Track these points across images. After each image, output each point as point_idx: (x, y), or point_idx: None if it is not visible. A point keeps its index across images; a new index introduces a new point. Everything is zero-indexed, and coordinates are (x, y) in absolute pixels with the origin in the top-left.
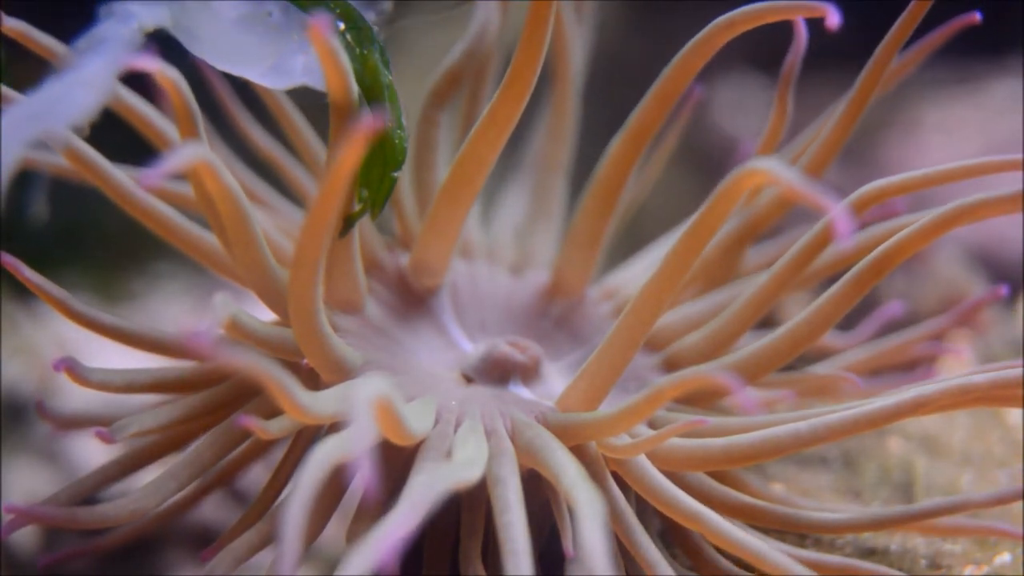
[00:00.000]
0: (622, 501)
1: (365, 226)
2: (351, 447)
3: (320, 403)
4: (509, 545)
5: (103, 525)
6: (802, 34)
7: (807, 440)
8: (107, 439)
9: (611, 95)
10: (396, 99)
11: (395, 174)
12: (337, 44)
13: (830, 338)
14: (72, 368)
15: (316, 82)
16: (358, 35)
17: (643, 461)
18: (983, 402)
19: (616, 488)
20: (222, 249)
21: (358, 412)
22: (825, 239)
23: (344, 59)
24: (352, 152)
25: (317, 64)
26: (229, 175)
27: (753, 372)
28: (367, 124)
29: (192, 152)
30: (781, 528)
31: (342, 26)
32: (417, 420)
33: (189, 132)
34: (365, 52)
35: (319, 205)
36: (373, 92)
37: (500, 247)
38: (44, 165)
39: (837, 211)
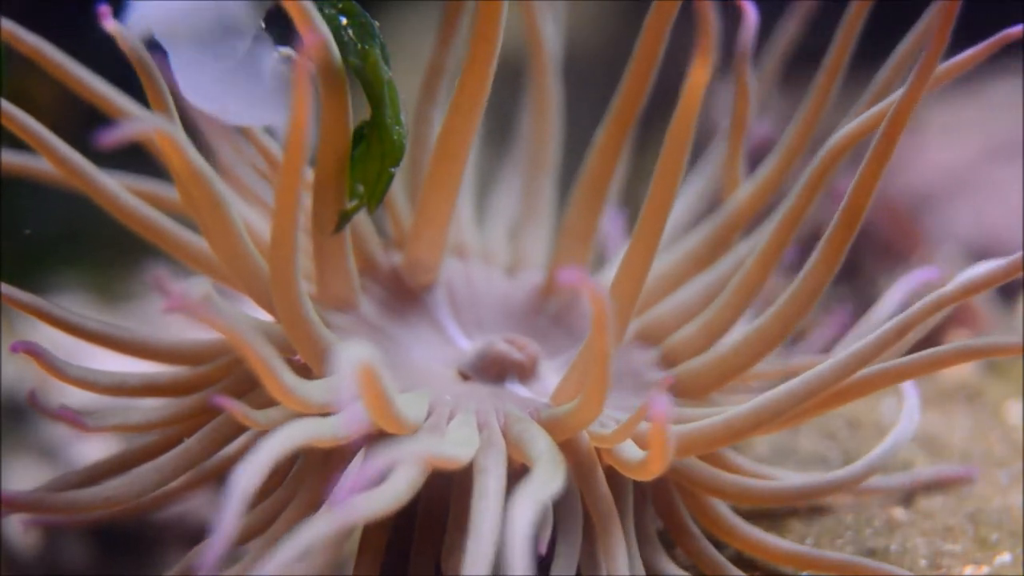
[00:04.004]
0: (607, 499)
1: (362, 226)
2: (336, 400)
3: (307, 388)
4: (476, 528)
5: (74, 511)
6: (751, 15)
7: (803, 394)
8: (79, 425)
9: (610, 93)
10: (396, 95)
11: (393, 170)
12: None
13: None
14: (38, 355)
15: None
16: (359, 30)
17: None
18: (973, 354)
19: (604, 486)
20: (212, 253)
21: (342, 371)
22: (801, 209)
23: (319, 20)
24: (302, 95)
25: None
26: (198, 155)
27: (751, 358)
28: (309, 54)
29: (152, 122)
30: (776, 503)
31: (344, 21)
32: (409, 410)
33: (158, 106)
34: (366, 47)
35: (287, 166)
36: (374, 87)
37: (494, 248)
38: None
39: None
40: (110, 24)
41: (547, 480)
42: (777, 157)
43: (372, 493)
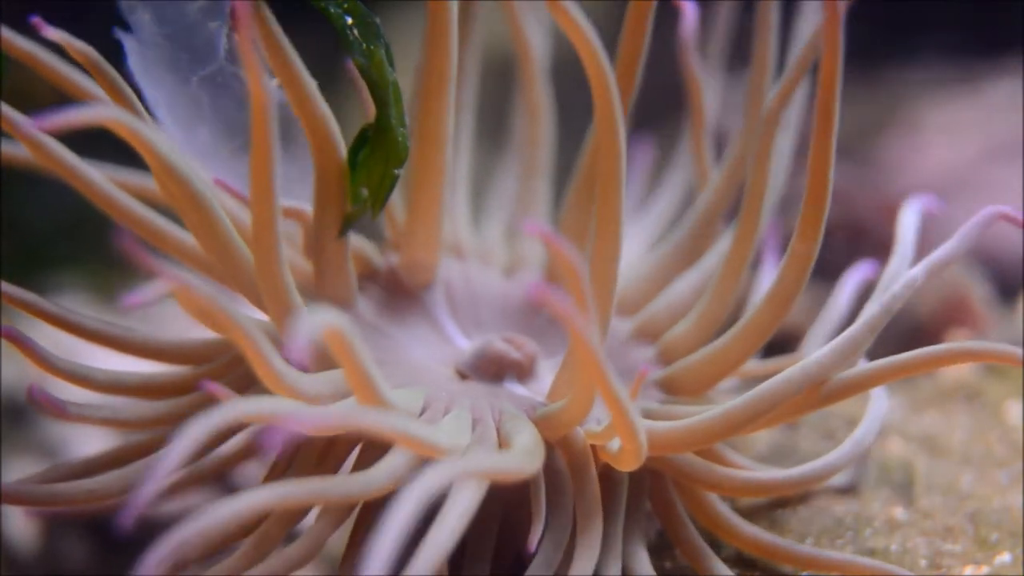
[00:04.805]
0: (594, 499)
1: (355, 235)
2: (288, 344)
3: (297, 376)
4: (440, 518)
5: (57, 502)
6: (690, 10)
7: (801, 381)
8: (57, 409)
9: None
10: (400, 96)
11: (397, 172)
12: None
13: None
14: (21, 342)
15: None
16: (365, 30)
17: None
18: (971, 355)
19: (594, 485)
20: (202, 251)
21: (299, 327)
22: (762, 184)
23: None
24: (245, 30)
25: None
26: (174, 150)
27: (745, 349)
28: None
29: (106, 110)
30: (772, 493)
31: (350, 20)
32: (402, 402)
33: (117, 98)
34: (372, 47)
35: (256, 112)
36: (379, 87)
37: (492, 249)
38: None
39: None
40: (51, 33)
41: (492, 461)
42: (737, 139)
43: (358, 474)
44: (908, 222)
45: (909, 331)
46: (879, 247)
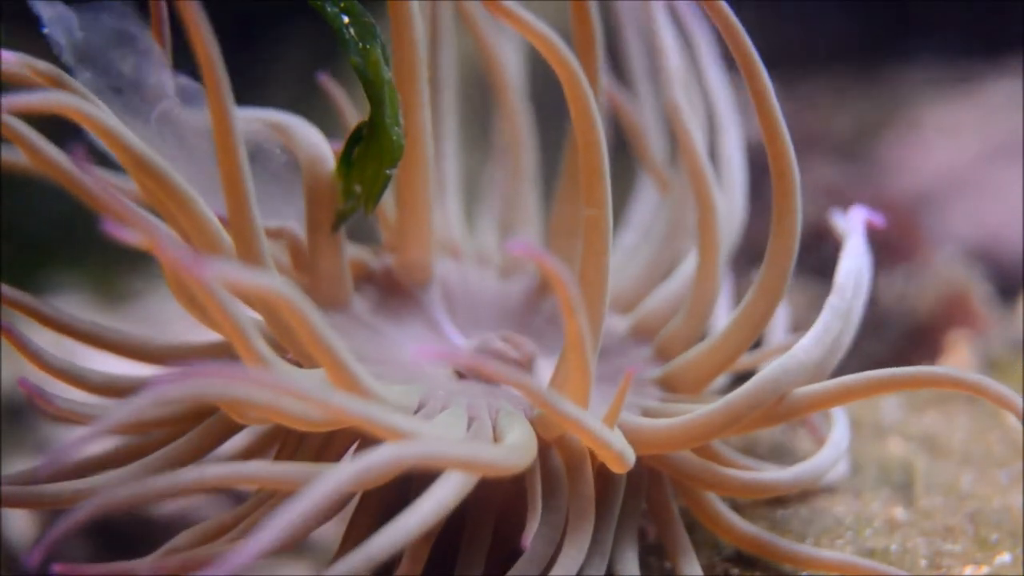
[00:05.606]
0: (587, 499)
1: (350, 244)
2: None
3: (280, 363)
4: (417, 504)
5: (40, 505)
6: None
7: (798, 371)
8: (44, 402)
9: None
10: (395, 96)
11: (390, 171)
12: None
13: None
14: (12, 334)
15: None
16: (361, 30)
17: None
18: (967, 387)
19: (587, 485)
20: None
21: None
22: (698, 166)
23: None
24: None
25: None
26: (120, 127)
27: (741, 342)
28: None
29: (66, 98)
30: (770, 493)
31: (346, 20)
32: (396, 398)
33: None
34: (368, 47)
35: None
36: (374, 86)
37: (487, 251)
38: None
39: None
40: (9, 58)
41: (468, 450)
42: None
43: (356, 463)
44: (841, 224)
45: (909, 330)
46: (879, 248)
